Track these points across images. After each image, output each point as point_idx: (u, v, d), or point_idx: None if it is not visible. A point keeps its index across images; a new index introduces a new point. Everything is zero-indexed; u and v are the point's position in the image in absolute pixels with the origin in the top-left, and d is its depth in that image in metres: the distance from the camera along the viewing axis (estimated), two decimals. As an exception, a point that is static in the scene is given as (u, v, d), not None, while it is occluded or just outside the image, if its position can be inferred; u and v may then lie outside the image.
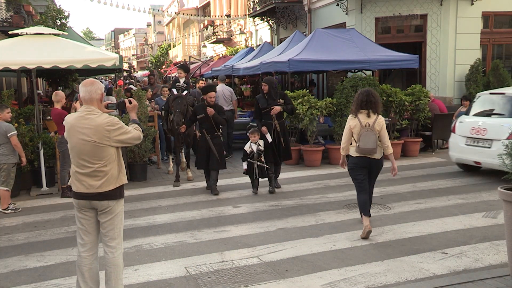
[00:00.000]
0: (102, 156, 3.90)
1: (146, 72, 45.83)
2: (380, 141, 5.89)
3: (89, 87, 3.97)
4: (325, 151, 10.67)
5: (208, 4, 34.96)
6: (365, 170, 5.96)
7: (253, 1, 21.14)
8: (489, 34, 15.04)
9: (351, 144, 5.99)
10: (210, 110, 8.09)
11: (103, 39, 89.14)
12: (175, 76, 10.68)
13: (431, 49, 14.62)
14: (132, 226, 6.63)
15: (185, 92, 9.45)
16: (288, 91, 10.99)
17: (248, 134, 8.31)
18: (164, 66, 41.72)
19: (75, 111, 7.81)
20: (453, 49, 14.50)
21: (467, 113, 9.44)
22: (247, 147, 8.12)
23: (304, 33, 17.19)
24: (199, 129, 8.69)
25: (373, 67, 11.97)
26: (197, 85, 14.22)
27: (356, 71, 13.06)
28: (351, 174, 6.09)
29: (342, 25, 15.68)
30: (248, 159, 8.08)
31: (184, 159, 9.72)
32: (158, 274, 4.97)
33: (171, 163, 10.49)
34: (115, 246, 4.03)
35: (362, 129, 5.83)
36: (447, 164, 10.22)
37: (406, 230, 6.08)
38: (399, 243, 5.62)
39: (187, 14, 33.08)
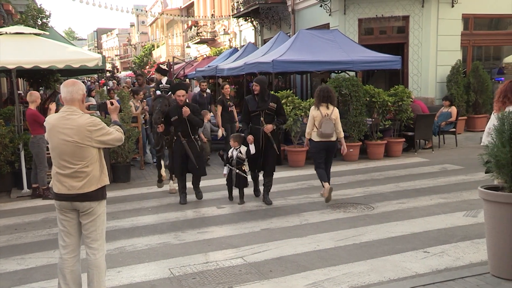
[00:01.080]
0: (84, 157, 3.86)
1: (130, 72, 45.56)
2: (335, 127, 7.47)
3: (70, 88, 3.93)
4: (309, 152, 10.72)
5: (192, 5, 34.86)
6: (323, 152, 7.56)
7: (237, 2, 21.15)
8: (469, 36, 15.28)
9: (313, 130, 7.49)
10: (185, 110, 7.44)
11: (85, 39, 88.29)
12: (152, 77, 10.69)
13: (413, 50, 14.78)
14: (115, 228, 6.57)
15: (170, 93, 9.31)
16: (272, 92, 11.00)
17: (230, 138, 8.03)
18: (147, 67, 41.49)
19: (53, 113, 7.79)
20: (434, 50, 14.69)
21: None
22: (230, 152, 7.72)
23: (288, 34, 17.25)
24: (174, 133, 7.83)
25: (356, 68, 12.06)
26: None
27: (339, 71, 13.16)
28: (313, 155, 7.75)
29: (326, 26, 15.78)
30: (228, 165, 7.66)
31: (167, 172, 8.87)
32: (142, 275, 4.93)
33: (163, 173, 8.94)
34: (97, 247, 3.99)
35: (322, 118, 7.44)
36: (429, 164, 10.34)
37: (389, 229, 6.13)
38: (382, 242, 5.66)
39: (171, 15, 32.95)
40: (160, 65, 12.74)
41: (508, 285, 4.21)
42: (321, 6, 15.49)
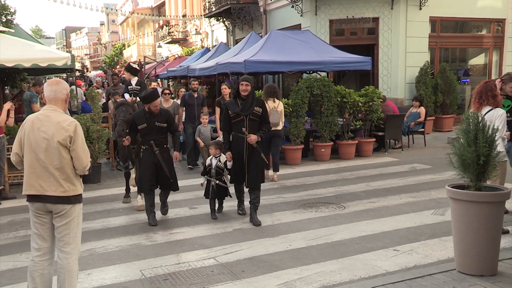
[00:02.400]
0: (59, 157, 3.78)
1: (100, 72, 44.85)
2: (280, 118, 8.58)
3: (54, 87, 3.89)
4: (281, 152, 10.76)
5: (163, 4, 34.54)
6: (269, 138, 8.58)
7: (209, 2, 21.07)
8: (437, 38, 15.63)
9: None
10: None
11: (53, 38, 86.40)
12: (122, 77, 9.69)
13: (383, 52, 15.03)
14: (86, 229, 6.46)
15: (138, 96, 8.52)
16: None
17: (209, 145, 7.35)
18: (118, 66, 40.90)
19: (8, 113, 7.60)
20: (403, 51, 14.97)
21: None
22: (208, 160, 7.02)
23: (260, 34, 17.29)
24: (142, 142, 6.89)
25: (328, 68, 12.18)
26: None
27: (311, 72, 13.26)
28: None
29: (297, 27, 15.88)
30: (206, 176, 6.91)
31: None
32: (112, 278, 4.87)
33: (133, 176, 8.00)
34: (69, 251, 3.90)
35: (270, 110, 8.35)
36: (399, 164, 10.53)
37: (360, 228, 6.21)
38: (353, 241, 5.74)
39: (142, 14, 32.60)
40: (131, 64, 12.22)
41: (473, 281, 4.33)
42: (292, 6, 15.58)
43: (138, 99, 8.24)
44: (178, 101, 11.41)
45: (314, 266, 5.01)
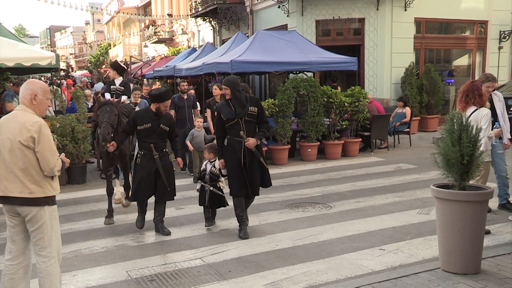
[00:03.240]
0: (22, 158, 3.69)
1: (85, 72, 44.47)
2: None
3: (23, 87, 3.87)
4: (268, 152, 10.78)
5: (149, 4, 34.36)
6: None
7: (195, 2, 21.02)
8: (421, 39, 15.78)
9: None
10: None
11: (37, 37, 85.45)
12: (107, 75, 8.61)
13: (369, 52, 15.13)
14: (71, 231, 6.41)
15: (124, 97, 7.96)
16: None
17: (203, 148, 6.87)
18: (104, 66, 40.58)
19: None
20: (389, 52, 15.08)
21: None
22: (203, 165, 6.60)
23: (246, 34, 17.28)
24: (139, 145, 6.33)
25: (314, 68, 12.23)
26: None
27: (297, 72, 13.29)
28: None
29: (284, 27, 15.92)
30: (200, 181, 6.45)
31: (123, 189, 7.50)
32: (98, 279, 4.83)
33: (119, 189, 7.61)
34: (46, 255, 3.82)
35: None
36: (385, 164, 10.61)
37: (346, 228, 6.25)
38: (339, 241, 5.77)
39: (128, 13, 32.39)
40: (118, 62, 11.78)
41: (457, 279, 4.38)
42: (279, 7, 15.60)
43: (123, 99, 7.80)
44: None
45: (301, 266, 5.02)
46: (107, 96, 7.76)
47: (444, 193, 4.54)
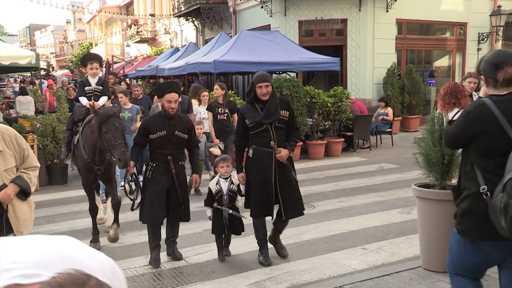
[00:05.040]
0: None
1: (66, 71, 43.92)
2: None
3: None
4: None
5: (131, 3, 34.10)
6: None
7: (178, 1, 20.93)
8: (403, 40, 15.95)
9: None
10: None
11: (16, 35, 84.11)
12: (85, 77, 6.41)
13: (352, 53, 15.23)
14: (52, 232, 6.33)
15: (103, 99, 6.14)
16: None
17: (215, 162, 5.53)
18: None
19: None
20: (371, 53, 15.21)
21: None
22: (212, 184, 5.19)
23: (229, 34, 17.27)
24: (150, 155, 5.31)
25: (297, 69, 12.28)
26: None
27: (280, 72, 13.33)
28: None
29: (267, 27, 15.94)
30: (215, 204, 5.15)
31: (111, 213, 6.08)
32: (80, 281, 4.77)
33: (100, 207, 6.73)
34: None
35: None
36: (367, 163, 10.69)
37: (329, 227, 6.28)
38: (322, 240, 5.80)
39: (110, 12, 32.09)
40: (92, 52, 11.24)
41: (437, 277, 4.44)
42: (262, 7, 15.62)
43: (102, 101, 6.12)
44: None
45: (284, 265, 5.04)
46: (83, 100, 6.04)
47: (425, 193, 4.60)
